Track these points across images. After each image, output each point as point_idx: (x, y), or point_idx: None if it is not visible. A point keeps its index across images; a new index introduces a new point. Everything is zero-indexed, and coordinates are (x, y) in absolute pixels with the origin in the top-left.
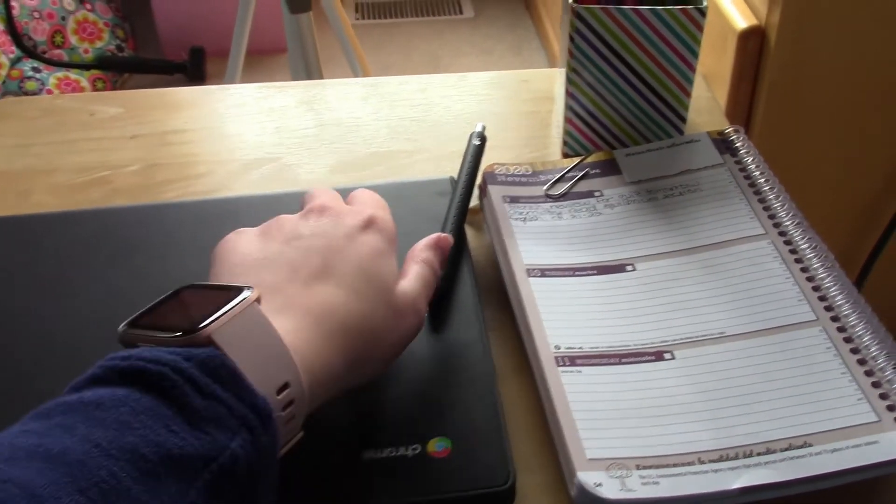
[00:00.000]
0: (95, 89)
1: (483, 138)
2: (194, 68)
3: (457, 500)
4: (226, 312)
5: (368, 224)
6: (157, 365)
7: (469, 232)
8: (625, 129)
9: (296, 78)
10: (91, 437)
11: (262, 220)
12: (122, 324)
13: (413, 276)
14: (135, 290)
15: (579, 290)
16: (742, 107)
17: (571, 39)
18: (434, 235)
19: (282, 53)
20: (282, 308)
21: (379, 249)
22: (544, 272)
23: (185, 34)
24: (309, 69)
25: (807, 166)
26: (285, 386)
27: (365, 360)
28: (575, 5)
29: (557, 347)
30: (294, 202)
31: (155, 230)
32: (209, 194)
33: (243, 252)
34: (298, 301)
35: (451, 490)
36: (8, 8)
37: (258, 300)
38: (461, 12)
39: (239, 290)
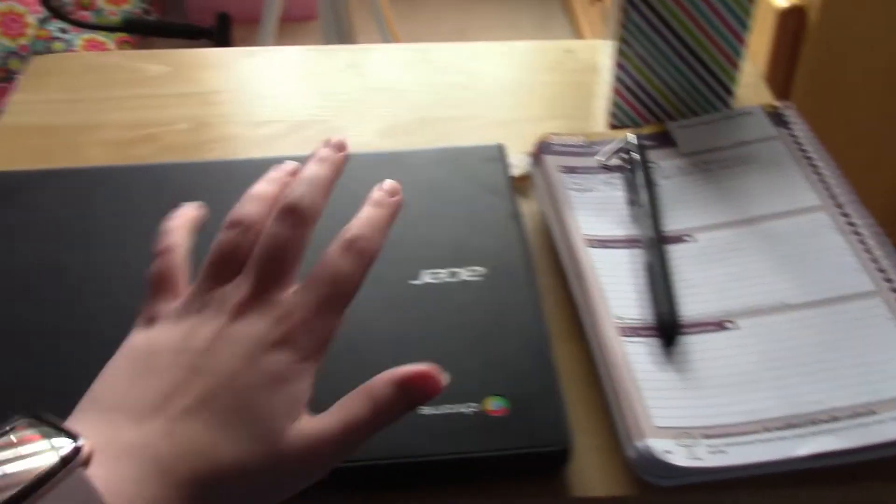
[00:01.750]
0: None
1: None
2: (220, 34)
3: (513, 458)
4: (37, 486)
5: (286, 339)
6: None
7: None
8: (672, 102)
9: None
10: None
11: None
12: None
13: (340, 415)
14: None
15: (639, 261)
16: (779, 86)
17: (624, 10)
18: (412, 371)
19: (306, 21)
20: (130, 449)
21: (282, 376)
22: (603, 243)
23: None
24: (341, 36)
25: (841, 148)
26: None
27: None
28: None
29: (620, 318)
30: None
31: (203, 188)
32: (255, 154)
33: (127, 355)
34: (155, 442)
35: (509, 448)
36: None
37: (87, 460)
38: None
39: (67, 442)
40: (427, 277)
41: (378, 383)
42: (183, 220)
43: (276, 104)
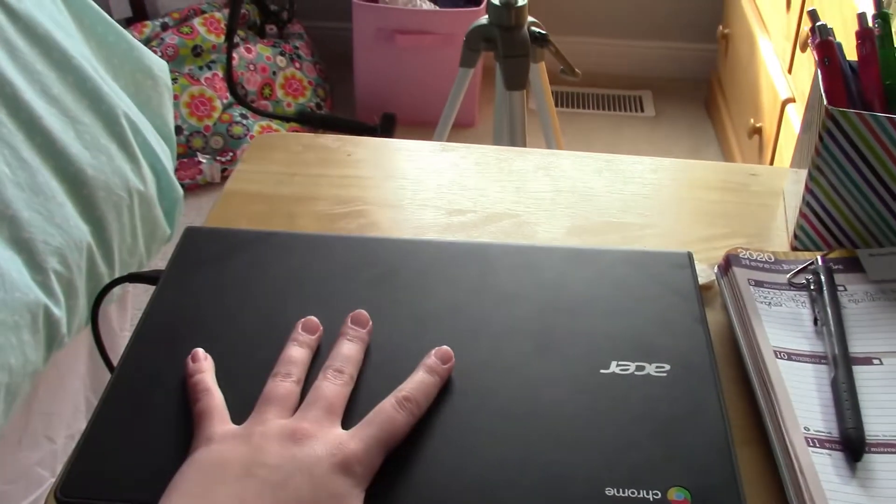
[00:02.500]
0: None
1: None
2: (384, 132)
3: None
4: None
5: (343, 465)
6: None
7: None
8: (857, 230)
9: None
10: None
11: (503, 268)
12: None
13: None
14: (387, 315)
15: (826, 377)
16: None
17: (821, 139)
18: None
19: (466, 128)
20: None
21: (340, 496)
22: (790, 355)
23: (379, 100)
24: (514, 141)
25: None
26: None
27: None
28: (830, 107)
29: (807, 429)
30: (536, 257)
31: (406, 263)
32: (453, 238)
33: (198, 472)
34: None
35: None
36: (229, 59)
37: None
38: (642, 110)
39: None
40: (615, 368)
41: None
42: (208, 369)
43: (472, 195)
